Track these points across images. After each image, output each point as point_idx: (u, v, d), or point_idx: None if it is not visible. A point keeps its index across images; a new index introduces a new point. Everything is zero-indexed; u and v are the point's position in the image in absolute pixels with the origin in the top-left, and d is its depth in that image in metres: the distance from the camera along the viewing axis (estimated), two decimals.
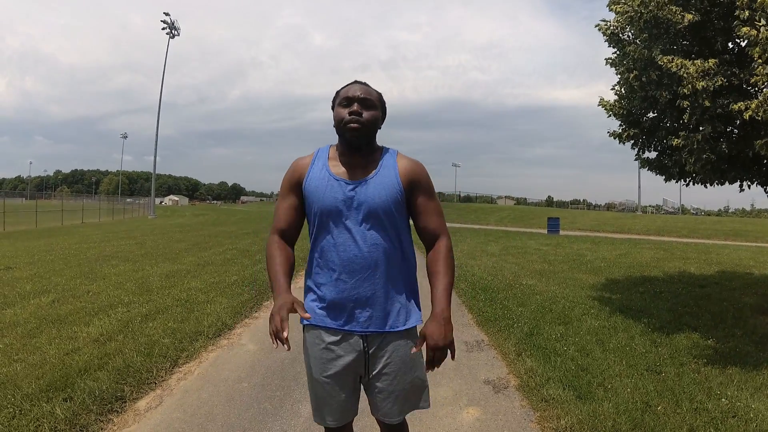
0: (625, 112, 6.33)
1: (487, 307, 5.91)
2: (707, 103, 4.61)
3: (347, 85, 1.80)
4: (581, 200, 72.07)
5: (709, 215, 46.30)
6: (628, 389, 3.39)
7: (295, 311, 1.57)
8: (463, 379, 3.74)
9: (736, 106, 4.32)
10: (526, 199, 68.50)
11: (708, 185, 6.35)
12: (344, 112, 1.73)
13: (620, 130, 6.61)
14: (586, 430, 2.84)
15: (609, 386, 3.44)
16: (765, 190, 5.99)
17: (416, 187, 1.78)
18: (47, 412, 2.91)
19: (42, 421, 2.82)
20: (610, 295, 6.74)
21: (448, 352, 1.67)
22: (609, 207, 61.44)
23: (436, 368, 1.67)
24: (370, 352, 1.73)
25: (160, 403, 3.27)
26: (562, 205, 67.86)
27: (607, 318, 5.36)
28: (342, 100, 1.75)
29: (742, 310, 5.74)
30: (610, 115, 6.60)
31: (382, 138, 1.84)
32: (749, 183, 6.04)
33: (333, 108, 1.80)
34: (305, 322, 1.71)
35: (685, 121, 5.11)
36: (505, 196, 69.15)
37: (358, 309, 1.71)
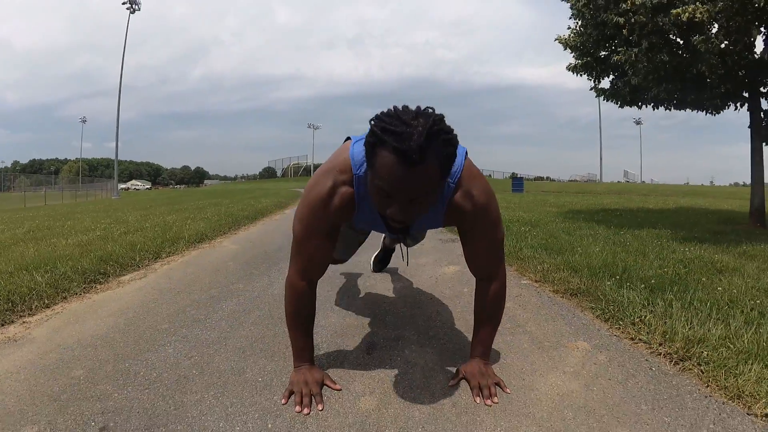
0: (579, 45, 6.67)
1: None
2: (642, 18, 4.97)
3: (389, 161, 1.16)
4: (545, 177, 73.70)
5: None
6: (597, 249, 3.65)
7: (325, 385, 1.53)
8: (441, 253, 3.95)
9: (675, 12, 4.66)
10: (491, 174, 69.41)
11: (660, 107, 6.73)
12: (382, 207, 1.27)
13: (575, 63, 6.97)
14: (563, 268, 3.06)
15: (579, 249, 3.67)
16: (708, 111, 6.40)
17: (462, 226, 1.53)
18: (27, 279, 2.83)
19: (21, 284, 2.71)
20: (573, 216, 7.07)
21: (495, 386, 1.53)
22: (572, 181, 63.00)
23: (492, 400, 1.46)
24: None
25: (144, 277, 3.29)
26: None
27: (572, 222, 5.65)
28: (380, 188, 1.22)
29: (698, 223, 6.13)
30: (566, 49, 6.95)
31: (349, 115, 1.52)
32: (698, 108, 6.47)
33: (367, 161, 1.26)
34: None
35: (626, 37, 5.47)
36: None
37: None
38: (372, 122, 1.21)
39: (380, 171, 1.18)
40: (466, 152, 1.47)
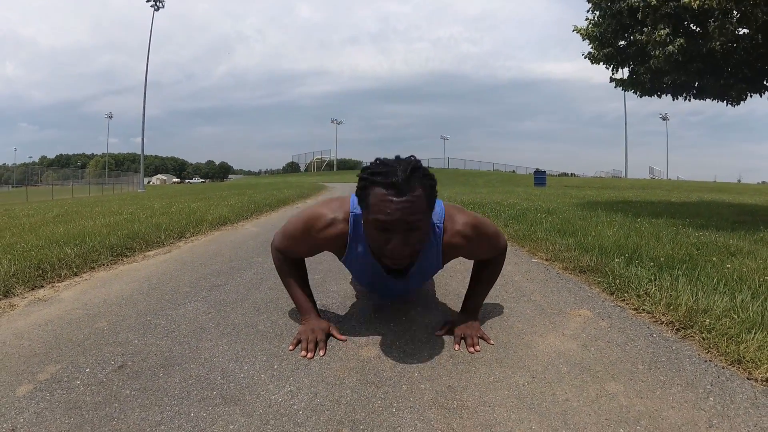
0: (598, 35, 6.66)
1: (475, 210, 6.12)
2: (654, 2, 4.97)
3: (381, 195, 1.29)
4: (569, 173, 72.61)
5: None
6: (610, 233, 3.64)
7: (332, 335, 1.62)
8: None
9: (686, 0, 4.63)
10: (514, 170, 68.62)
11: (679, 96, 6.65)
12: (382, 244, 1.36)
13: (594, 51, 6.93)
14: (574, 248, 3.06)
15: (592, 233, 3.67)
16: (728, 101, 6.29)
17: (464, 255, 1.73)
18: (56, 251, 2.97)
19: (50, 255, 2.83)
20: (592, 206, 7.02)
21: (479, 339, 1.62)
22: (596, 177, 62.00)
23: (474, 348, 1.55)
24: None
25: (169, 252, 3.44)
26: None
27: (589, 211, 5.62)
28: (377, 223, 1.32)
29: (718, 213, 6.04)
30: (584, 39, 6.93)
31: (373, 111, 1.62)
32: (719, 97, 6.37)
33: (361, 206, 1.39)
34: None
35: (640, 20, 5.46)
36: (495, 170, 69.23)
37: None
38: (360, 173, 1.37)
39: (375, 206, 1.30)
40: (443, 202, 1.64)
